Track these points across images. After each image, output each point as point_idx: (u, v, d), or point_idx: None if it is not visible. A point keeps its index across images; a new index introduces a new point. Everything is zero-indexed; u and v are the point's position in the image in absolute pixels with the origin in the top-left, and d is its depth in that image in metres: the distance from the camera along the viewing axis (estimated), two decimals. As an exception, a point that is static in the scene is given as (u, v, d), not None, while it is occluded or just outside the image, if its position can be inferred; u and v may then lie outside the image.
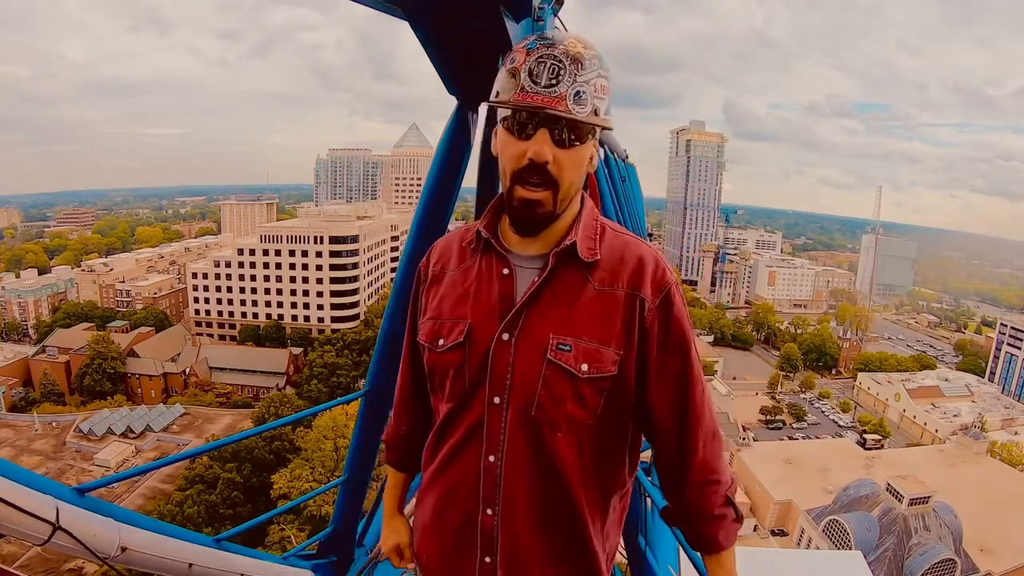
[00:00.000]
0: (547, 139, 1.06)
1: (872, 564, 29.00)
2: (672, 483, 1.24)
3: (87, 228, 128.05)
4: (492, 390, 1.15)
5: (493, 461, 1.16)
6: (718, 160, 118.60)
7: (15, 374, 56.10)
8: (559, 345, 1.12)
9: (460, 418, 1.20)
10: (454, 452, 1.21)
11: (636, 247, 1.20)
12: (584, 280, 1.16)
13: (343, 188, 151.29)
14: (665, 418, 1.19)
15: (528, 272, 1.18)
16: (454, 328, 1.20)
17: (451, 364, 1.19)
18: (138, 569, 1.75)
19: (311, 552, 2.90)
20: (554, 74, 1.04)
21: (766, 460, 44.26)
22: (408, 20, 1.90)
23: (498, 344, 1.15)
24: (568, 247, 1.15)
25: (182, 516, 30.55)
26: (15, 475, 1.38)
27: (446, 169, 2.40)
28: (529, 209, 1.11)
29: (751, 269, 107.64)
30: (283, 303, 67.78)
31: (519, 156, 1.08)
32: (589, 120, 1.07)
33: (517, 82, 1.06)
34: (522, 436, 1.14)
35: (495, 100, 1.11)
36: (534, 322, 1.14)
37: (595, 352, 1.13)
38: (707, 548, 1.23)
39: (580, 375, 1.12)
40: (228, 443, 3.89)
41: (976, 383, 66.86)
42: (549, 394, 1.13)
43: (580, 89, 1.05)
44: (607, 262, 1.17)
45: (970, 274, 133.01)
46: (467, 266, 1.25)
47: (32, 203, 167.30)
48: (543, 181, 1.09)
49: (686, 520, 1.24)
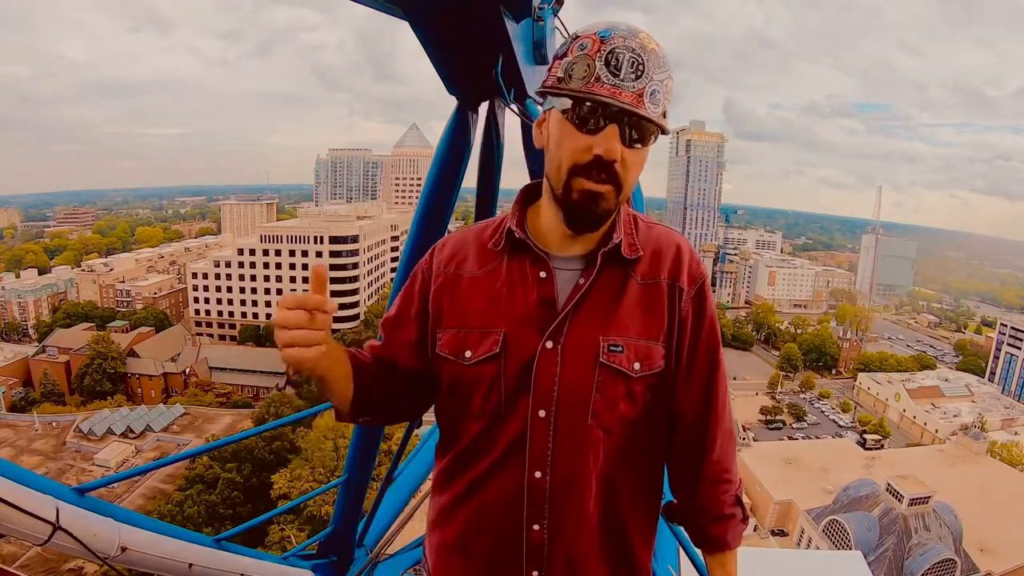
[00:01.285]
0: (616, 136, 1.00)
1: (872, 564, 29.01)
2: (684, 479, 1.23)
3: (87, 228, 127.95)
4: (537, 403, 1.08)
5: (540, 477, 1.09)
6: (718, 160, 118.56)
7: (15, 374, 56.09)
8: (611, 347, 1.08)
9: (495, 436, 1.11)
10: (489, 472, 1.13)
11: (670, 237, 1.18)
12: (626, 276, 1.12)
13: (343, 188, 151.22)
14: (688, 412, 1.17)
15: (567, 274, 1.12)
16: (485, 338, 1.11)
17: (482, 378, 1.11)
18: (138, 569, 1.75)
19: (311, 552, 2.90)
20: (633, 67, 0.98)
21: (766, 460, 44.26)
22: (408, 20, 1.90)
23: (543, 353, 1.08)
24: (616, 246, 1.11)
25: (182, 516, 30.53)
26: (15, 475, 1.38)
27: (446, 169, 2.40)
28: (592, 202, 1.04)
29: (751, 269, 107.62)
30: (283, 303, 67.66)
31: (583, 150, 1.01)
32: (659, 121, 1.02)
33: (591, 71, 0.98)
34: (573, 446, 1.09)
35: (560, 87, 1.02)
36: (581, 326, 1.09)
37: (645, 349, 1.10)
38: (714, 547, 1.22)
39: (633, 375, 1.09)
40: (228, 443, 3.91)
41: (976, 383, 66.84)
42: (604, 398, 1.08)
43: (656, 88, 1.00)
44: (647, 255, 1.14)
45: (970, 274, 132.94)
46: (492, 268, 1.15)
47: (32, 203, 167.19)
48: (608, 178, 1.03)
49: (695, 518, 1.23)
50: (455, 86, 2.28)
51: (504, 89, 2.05)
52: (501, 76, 1.99)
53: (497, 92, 2.20)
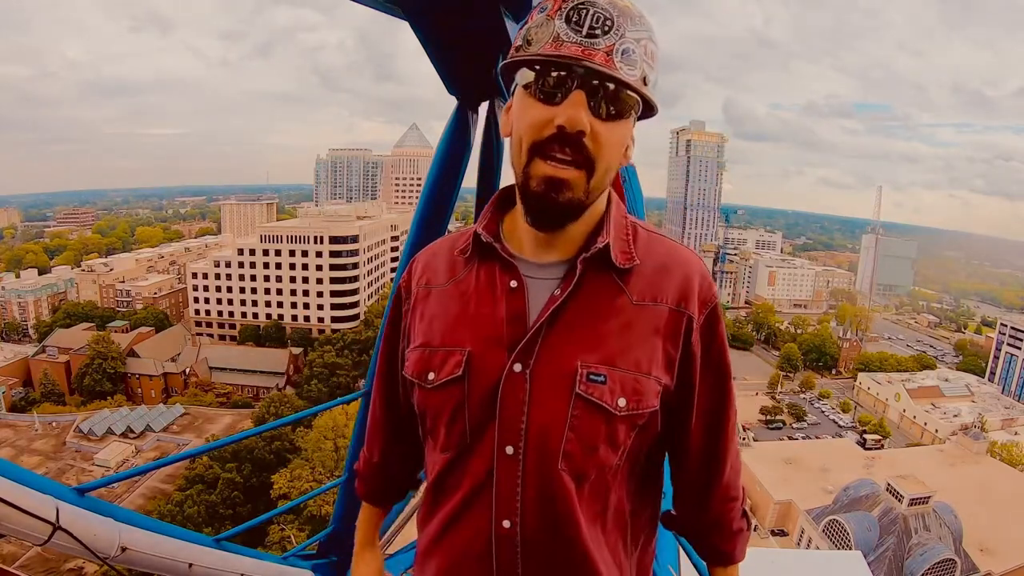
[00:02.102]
0: (583, 102, 0.82)
1: (872, 564, 29.01)
2: (692, 500, 1.14)
3: (87, 228, 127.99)
4: (503, 437, 0.91)
5: (509, 527, 0.93)
6: (718, 160, 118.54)
7: (15, 374, 56.10)
8: (590, 375, 0.90)
9: (461, 472, 0.96)
10: (456, 514, 0.97)
11: (680, 253, 1.00)
12: (618, 292, 0.93)
13: (343, 188, 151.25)
14: (698, 442, 1.05)
15: (543, 284, 0.95)
16: (448, 359, 0.95)
17: (446, 404, 0.95)
18: (138, 569, 1.75)
19: (311, 552, 2.89)
20: (599, 22, 0.82)
21: (766, 460, 44.26)
22: (408, 20, 1.90)
23: (509, 377, 0.91)
24: (600, 251, 0.93)
25: (182, 516, 30.55)
26: (15, 475, 1.38)
27: (446, 169, 2.40)
28: (554, 190, 0.86)
29: (751, 269, 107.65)
30: (283, 303, 67.81)
31: (544, 123, 0.84)
32: (636, 86, 0.84)
33: (550, 30, 0.83)
34: (543, 493, 0.92)
35: (518, 54, 0.87)
36: (556, 347, 0.91)
37: (634, 383, 0.91)
38: (722, 562, 1.18)
39: (617, 412, 0.91)
40: (228, 443, 3.88)
41: (976, 383, 66.86)
42: (578, 439, 0.91)
43: (629, 46, 0.83)
44: (646, 270, 0.95)
45: (970, 274, 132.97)
46: (460, 279, 1.00)
47: (32, 203, 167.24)
48: (575, 158, 0.84)
49: (704, 535, 1.18)
50: (455, 86, 2.28)
51: (504, 89, 2.05)
52: (501, 76, 1.99)
53: (497, 92, 2.20)
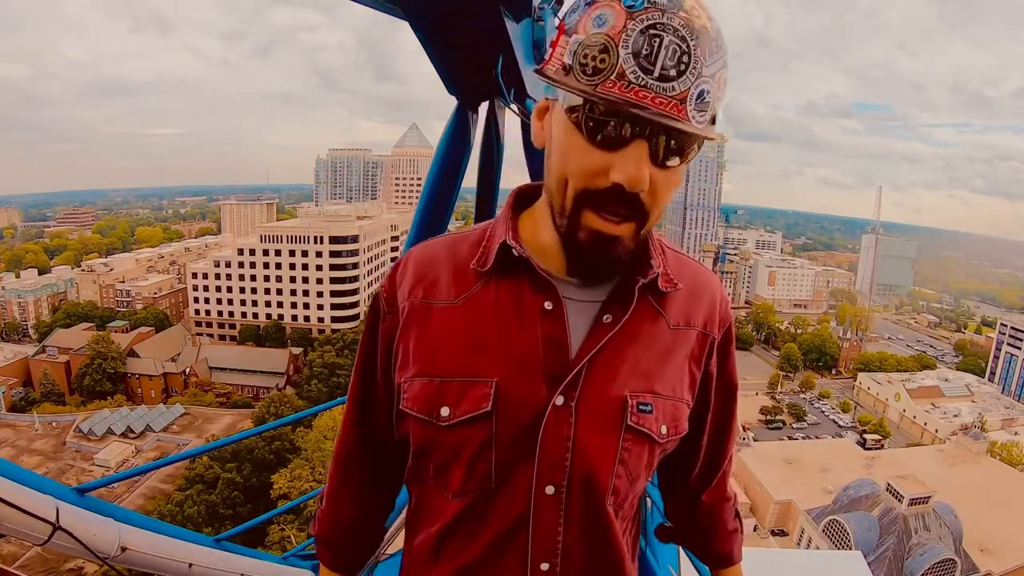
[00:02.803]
0: (645, 157, 0.70)
1: (872, 564, 29.01)
2: (682, 504, 1.15)
3: (87, 228, 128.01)
4: (543, 477, 0.82)
5: (547, 569, 0.85)
6: (718, 160, 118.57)
7: (15, 374, 56.10)
8: (640, 405, 0.84)
9: (482, 518, 0.86)
10: (479, 562, 0.87)
11: (704, 275, 0.96)
12: (657, 316, 0.87)
13: (343, 188, 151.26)
14: (703, 454, 1.06)
15: (581, 306, 0.85)
16: (468, 391, 0.83)
17: (466, 444, 0.83)
18: (138, 569, 1.75)
19: (311, 552, 2.89)
20: (675, 59, 0.66)
21: (766, 460, 44.27)
22: (408, 20, 1.90)
23: (553, 413, 0.81)
24: (654, 279, 0.85)
25: (182, 516, 30.53)
26: (15, 475, 1.38)
27: (446, 169, 2.40)
28: (606, 248, 0.77)
29: (751, 269, 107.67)
30: (283, 303, 67.83)
31: (596, 173, 0.72)
32: (706, 133, 0.72)
33: (611, 61, 0.67)
34: (588, 533, 0.86)
35: (566, 80, 0.70)
36: (601, 377, 0.83)
37: (673, 408, 0.88)
38: (722, 563, 1.19)
39: (660, 440, 0.87)
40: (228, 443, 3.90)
41: (976, 383, 66.88)
42: (627, 472, 0.85)
43: (704, 87, 0.69)
44: (680, 294, 0.90)
45: (970, 274, 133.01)
46: (473, 296, 0.86)
47: (32, 203, 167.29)
48: (629, 213, 0.75)
49: (701, 540, 1.19)
50: (455, 86, 2.29)
51: (504, 89, 2.05)
52: (501, 76, 1.99)
53: (497, 92, 2.21)
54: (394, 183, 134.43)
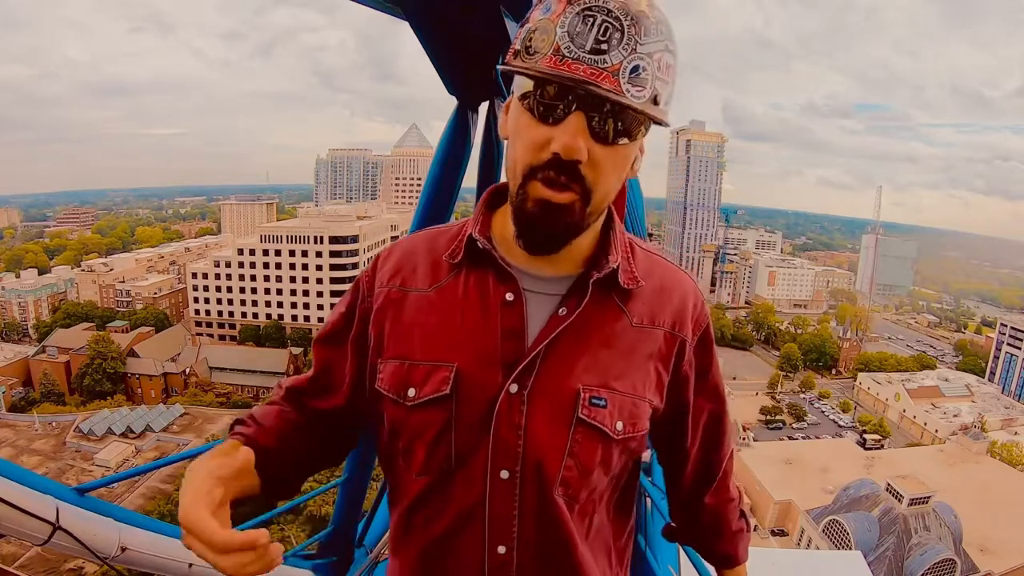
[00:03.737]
0: (583, 127, 0.76)
1: (872, 564, 29.02)
2: (686, 505, 1.15)
3: (87, 228, 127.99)
4: (497, 461, 0.86)
5: (504, 553, 0.88)
6: (718, 160, 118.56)
7: (15, 374, 56.11)
8: (592, 399, 0.87)
9: (444, 497, 0.90)
10: (441, 542, 0.91)
11: (675, 274, 0.98)
12: (619, 314, 0.90)
13: (343, 188, 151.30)
14: (695, 456, 1.07)
15: (543, 299, 0.89)
16: (432, 374, 0.87)
17: (428, 424, 0.88)
18: (138, 569, 1.75)
19: (311, 552, 2.90)
20: (605, 36, 0.72)
21: (766, 460, 44.32)
22: (408, 20, 1.90)
23: (506, 400, 0.85)
24: (612, 273, 0.89)
25: (182, 516, 30.58)
26: (15, 475, 1.38)
27: (446, 169, 2.40)
28: (550, 216, 0.80)
29: (751, 269, 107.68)
30: (283, 303, 67.85)
31: (540, 145, 0.78)
32: (646, 110, 0.76)
33: (550, 41, 0.74)
34: (540, 521, 0.88)
35: (514, 64, 0.79)
36: (555, 369, 0.86)
37: (632, 406, 0.90)
38: (726, 564, 1.20)
39: (615, 436, 0.88)
40: (228, 443, 3.87)
41: (976, 383, 66.89)
42: (576, 464, 0.87)
43: (640, 63, 0.74)
44: (646, 292, 0.92)
45: (970, 274, 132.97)
46: (444, 286, 0.92)
47: (32, 203, 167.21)
48: (569, 182, 0.79)
49: (705, 540, 1.19)
50: (455, 86, 2.29)
51: (504, 89, 2.05)
52: (501, 76, 1.99)
53: (497, 92, 2.21)
54: (394, 183, 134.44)
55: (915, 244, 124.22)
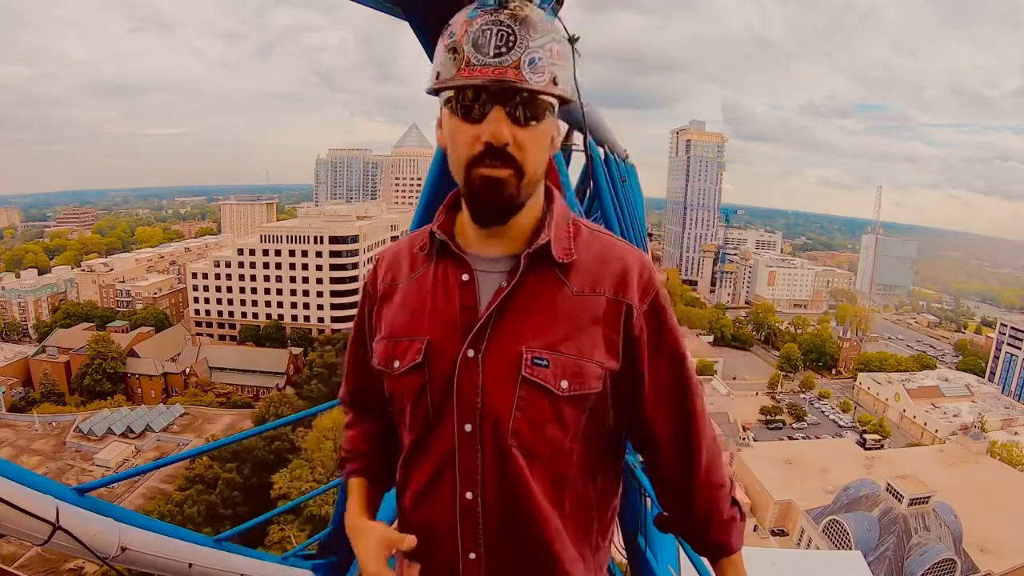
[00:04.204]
0: (503, 117, 0.93)
1: (872, 564, 29.00)
2: (674, 494, 1.16)
3: (87, 228, 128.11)
4: (461, 416, 1.01)
5: (471, 498, 1.02)
6: (718, 160, 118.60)
7: (15, 374, 56.13)
8: (534, 360, 0.99)
9: (427, 449, 1.06)
10: (426, 488, 1.07)
11: (617, 247, 1.09)
12: (559, 285, 1.03)
13: (343, 188, 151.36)
14: (665, 431, 1.10)
15: (492, 276, 1.05)
16: (410, 347, 1.06)
17: (410, 388, 1.06)
18: (138, 569, 1.75)
19: (311, 552, 2.89)
20: (502, 40, 0.91)
21: (766, 460, 44.32)
22: (408, 20, 1.90)
23: (463, 362, 1.01)
24: (542, 247, 1.02)
25: (182, 516, 30.53)
26: (15, 475, 1.38)
27: (446, 169, 2.40)
28: (492, 190, 0.97)
29: (751, 269, 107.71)
30: (283, 303, 67.84)
31: (472, 141, 0.94)
32: (547, 90, 0.94)
33: (460, 56, 0.92)
34: (498, 468, 1.01)
35: (437, 82, 0.96)
36: (503, 335, 1.01)
37: (575, 366, 1.00)
38: (720, 553, 1.18)
39: (560, 393, 1.00)
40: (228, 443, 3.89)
41: (976, 383, 66.93)
42: (525, 417, 1.00)
43: (534, 56, 0.92)
44: (585, 264, 1.04)
45: (970, 274, 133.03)
46: (420, 275, 1.11)
47: (32, 203, 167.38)
48: (503, 162, 0.95)
49: (695, 529, 1.18)
50: (455, 86, 2.28)
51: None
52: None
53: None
54: (394, 183, 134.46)
55: (915, 244, 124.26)
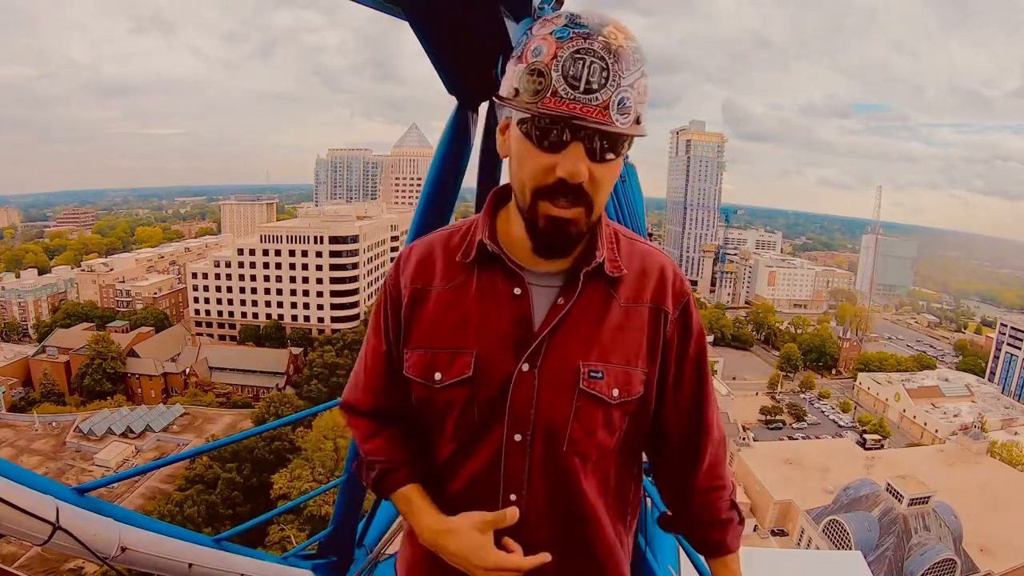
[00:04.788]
0: (581, 154, 0.90)
1: (872, 564, 29.01)
2: (677, 490, 1.22)
3: (87, 228, 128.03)
4: (512, 427, 1.04)
5: (515, 500, 1.06)
6: (718, 160, 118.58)
7: (15, 374, 56.13)
8: (591, 373, 1.03)
9: (468, 456, 1.08)
10: (462, 493, 1.09)
11: (654, 256, 1.12)
12: (609, 297, 1.06)
13: (343, 188, 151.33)
14: (678, 426, 1.15)
15: (543, 291, 1.05)
16: (455, 360, 1.04)
17: (454, 402, 1.05)
18: (138, 569, 1.75)
19: (311, 552, 2.89)
20: (596, 75, 0.85)
21: (766, 460, 44.30)
22: (408, 20, 1.90)
23: (519, 377, 1.02)
24: (599, 265, 1.04)
25: (182, 516, 30.55)
26: (15, 475, 1.38)
27: (446, 169, 2.40)
28: (561, 230, 0.96)
29: (751, 269, 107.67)
30: (283, 303, 67.85)
31: (545, 171, 0.92)
32: (631, 132, 0.91)
33: (546, 83, 0.86)
34: (549, 473, 1.05)
35: (514, 101, 0.91)
36: (559, 349, 1.03)
37: (624, 375, 1.05)
38: (715, 552, 1.22)
39: (612, 401, 1.04)
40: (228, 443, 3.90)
41: (976, 383, 66.92)
42: (581, 426, 1.04)
43: (624, 95, 0.87)
44: (631, 275, 1.08)
45: (970, 274, 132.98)
46: (460, 283, 1.07)
47: (32, 203, 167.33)
48: (575, 200, 0.93)
49: (693, 527, 1.23)
50: (455, 86, 2.28)
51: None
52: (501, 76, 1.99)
53: (497, 92, 2.19)
54: (394, 183, 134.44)
55: (915, 244, 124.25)
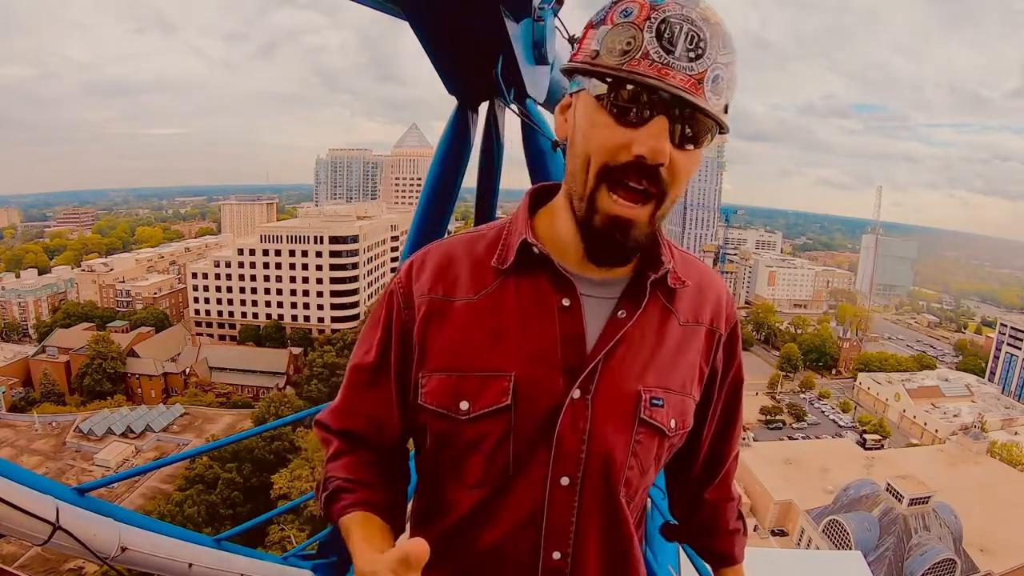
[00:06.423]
0: (666, 131, 0.74)
1: (872, 564, 29.01)
2: (690, 502, 1.17)
3: (87, 228, 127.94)
4: (559, 468, 0.84)
5: (559, 559, 0.87)
6: (718, 160, 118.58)
7: (15, 374, 56.09)
8: (652, 400, 0.87)
9: (498, 508, 0.87)
10: (491, 553, 0.88)
11: (710, 274, 1.00)
12: (668, 313, 0.91)
13: (343, 188, 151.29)
14: (707, 446, 1.08)
15: (593, 302, 0.88)
16: (487, 385, 0.84)
17: (485, 437, 0.85)
18: (138, 569, 1.75)
19: (311, 552, 2.89)
20: (692, 43, 0.72)
21: (766, 460, 44.25)
22: (408, 20, 1.90)
23: (570, 406, 0.83)
24: (664, 275, 0.89)
25: (182, 516, 30.54)
26: (15, 475, 1.38)
27: (446, 169, 2.40)
28: (619, 231, 0.79)
29: (751, 269, 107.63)
30: (283, 303, 67.84)
31: (619, 147, 0.76)
32: (720, 118, 0.77)
33: (637, 44, 0.73)
34: (602, 524, 0.88)
35: (594, 64, 0.76)
36: (616, 372, 0.86)
37: (681, 403, 0.91)
38: (723, 562, 1.21)
39: (670, 434, 0.90)
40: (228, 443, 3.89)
41: (976, 383, 66.85)
42: (638, 464, 0.88)
43: (719, 73, 0.75)
44: (688, 292, 0.94)
45: (970, 274, 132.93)
46: (492, 291, 0.88)
47: (32, 203, 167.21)
48: (650, 187, 0.77)
49: (703, 537, 1.21)
50: (455, 86, 2.28)
51: (504, 89, 2.05)
52: (501, 76, 1.99)
53: (497, 92, 2.20)
54: (394, 183, 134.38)
55: (915, 244, 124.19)
